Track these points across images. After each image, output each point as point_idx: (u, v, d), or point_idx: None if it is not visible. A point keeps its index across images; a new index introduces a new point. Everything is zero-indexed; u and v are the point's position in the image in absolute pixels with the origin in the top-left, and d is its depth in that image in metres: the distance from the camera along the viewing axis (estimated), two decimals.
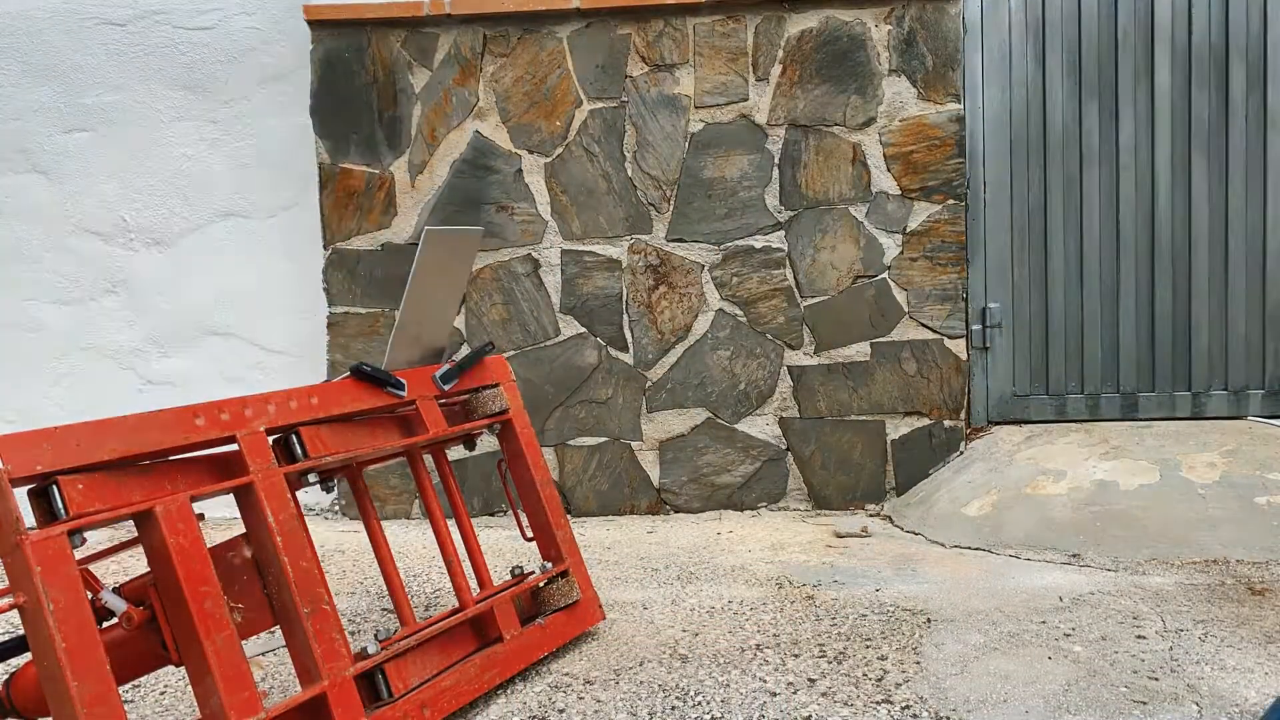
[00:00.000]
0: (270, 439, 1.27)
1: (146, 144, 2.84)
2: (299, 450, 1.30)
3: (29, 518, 1.03)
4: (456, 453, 2.34)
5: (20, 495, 1.02)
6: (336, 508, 2.80)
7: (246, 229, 2.84)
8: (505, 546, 2.33)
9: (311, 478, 1.34)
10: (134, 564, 2.23)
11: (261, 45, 2.80)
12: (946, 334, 2.64)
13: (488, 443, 1.75)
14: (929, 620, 1.74)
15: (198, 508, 1.17)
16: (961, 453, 2.64)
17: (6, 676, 1.20)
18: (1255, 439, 2.47)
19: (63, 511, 1.04)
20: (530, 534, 1.69)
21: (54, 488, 1.04)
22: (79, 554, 1.06)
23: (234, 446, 1.23)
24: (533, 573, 1.68)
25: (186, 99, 2.83)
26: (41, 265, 2.87)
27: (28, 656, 1.22)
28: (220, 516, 1.54)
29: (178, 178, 2.85)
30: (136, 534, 1.16)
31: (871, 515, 2.60)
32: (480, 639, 1.50)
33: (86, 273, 2.87)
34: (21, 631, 1.49)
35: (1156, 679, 1.45)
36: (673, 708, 1.39)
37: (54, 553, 1.00)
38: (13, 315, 2.88)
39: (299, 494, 1.33)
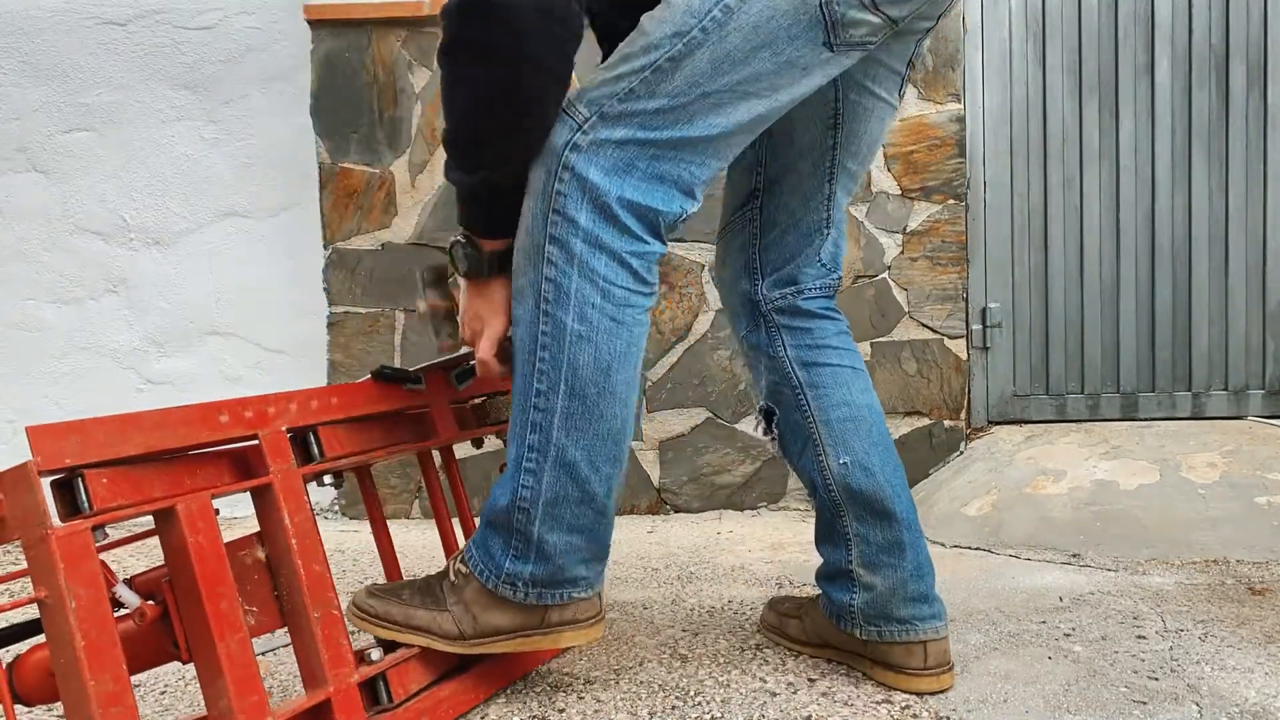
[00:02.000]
0: (289, 437, 1.27)
1: (147, 143, 2.84)
2: (316, 450, 1.30)
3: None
4: (458, 451, 2.35)
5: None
6: (336, 507, 2.80)
7: (246, 229, 2.85)
8: None
9: (327, 478, 1.34)
10: (131, 558, 2.23)
11: (262, 45, 2.80)
12: (946, 334, 2.64)
13: (489, 442, 1.75)
14: None
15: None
16: (961, 453, 2.64)
17: (9, 662, 1.20)
18: (1255, 439, 2.47)
19: (87, 505, 1.03)
20: None
21: (79, 481, 1.04)
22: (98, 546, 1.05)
23: (253, 443, 1.22)
24: None
25: (187, 99, 2.83)
26: (41, 264, 2.87)
27: (28, 643, 1.22)
28: (225, 515, 1.54)
29: (178, 177, 2.85)
30: (148, 527, 1.15)
31: None
32: None
33: (86, 272, 2.87)
34: (18, 619, 1.48)
35: (1156, 679, 1.45)
36: (673, 707, 1.39)
37: (78, 548, 1.00)
38: (12, 315, 2.88)
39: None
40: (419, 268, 1.49)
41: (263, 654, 1.67)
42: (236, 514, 2.28)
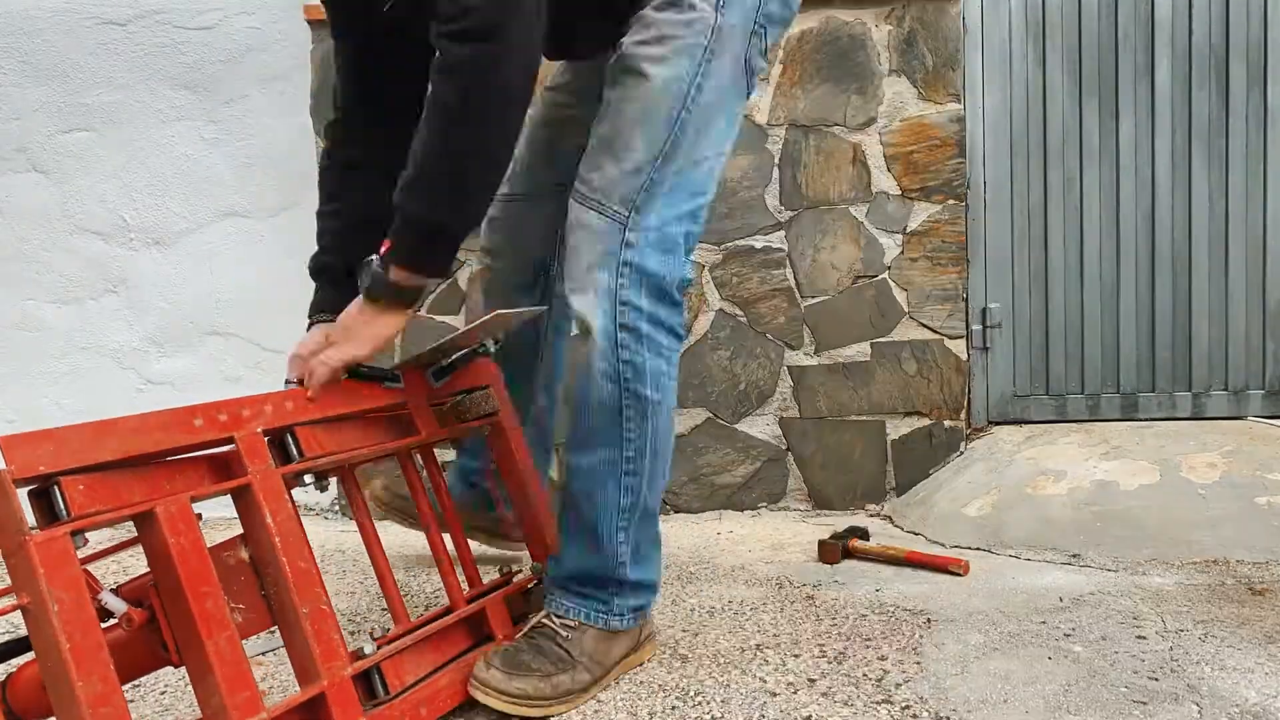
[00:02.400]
0: (267, 439, 1.28)
1: (147, 144, 2.84)
2: (294, 450, 1.30)
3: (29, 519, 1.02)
4: (449, 455, 2.34)
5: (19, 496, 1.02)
6: (336, 508, 2.80)
7: (246, 229, 2.84)
8: None
9: (307, 478, 1.35)
10: (133, 563, 2.23)
11: (262, 45, 2.80)
12: (946, 334, 2.64)
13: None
14: (929, 620, 1.74)
15: (196, 508, 1.17)
16: (962, 453, 2.64)
17: (3, 679, 1.20)
18: (1255, 439, 2.47)
19: (64, 512, 1.04)
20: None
21: (55, 488, 1.04)
22: (79, 554, 1.05)
23: (232, 447, 1.23)
24: (519, 571, 1.69)
25: (187, 99, 2.83)
26: (41, 264, 2.87)
27: (20, 660, 1.22)
28: (218, 516, 1.54)
29: (178, 177, 2.85)
30: (135, 534, 1.16)
31: (872, 515, 2.60)
32: (475, 636, 1.51)
33: (86, 273, 2.87)
34: (11, 635, 1.47)
35: (1156, 679, 1.45)
36: (673, 708, 1.39)
37: (57, 553, 1.00)
38: (12, 315, 2.88)
39: (295, 493, 1.33)
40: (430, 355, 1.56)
41: (262, 654, 1.67)
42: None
